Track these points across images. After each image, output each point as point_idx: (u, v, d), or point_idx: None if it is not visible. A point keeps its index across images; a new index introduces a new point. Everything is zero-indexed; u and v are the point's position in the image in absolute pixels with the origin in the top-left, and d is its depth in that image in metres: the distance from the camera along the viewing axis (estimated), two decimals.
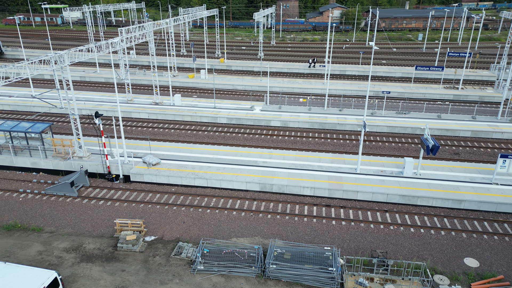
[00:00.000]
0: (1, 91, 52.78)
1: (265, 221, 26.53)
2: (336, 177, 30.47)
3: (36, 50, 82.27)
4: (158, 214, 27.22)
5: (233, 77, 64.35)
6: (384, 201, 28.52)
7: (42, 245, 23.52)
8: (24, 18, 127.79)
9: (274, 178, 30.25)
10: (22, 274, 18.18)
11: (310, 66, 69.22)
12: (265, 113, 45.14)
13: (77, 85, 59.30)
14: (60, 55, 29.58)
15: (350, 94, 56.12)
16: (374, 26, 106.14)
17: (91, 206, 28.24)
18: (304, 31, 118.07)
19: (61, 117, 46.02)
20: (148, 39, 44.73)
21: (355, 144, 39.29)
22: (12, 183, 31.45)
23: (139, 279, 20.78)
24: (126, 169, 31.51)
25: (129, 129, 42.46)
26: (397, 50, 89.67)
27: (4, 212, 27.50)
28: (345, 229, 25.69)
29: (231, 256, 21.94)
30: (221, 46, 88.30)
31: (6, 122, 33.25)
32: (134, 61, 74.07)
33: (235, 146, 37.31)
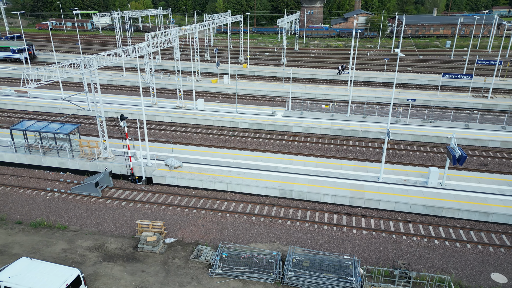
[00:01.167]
0: (33, 93, 54.97)
1: (284, 227, 26.37)
2: (358, 185, 29.98)
3: (66, 54, 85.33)
4: (178, 217, 27.53)
5: (256, 82, 64.64)
6: (407, 211, 27.82)
7: (67, 243, 24.20)
8: (56, 23, 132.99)
9: (294, 184, 30.07)
10: (47, 271, 18.75)
11: (339, 73, 68.43)
12: (287, 119, 45.04)
13: (104, 88, 61.04)
14: (89, 59, 30.57)
15: (374, 101, 55.28)
16: (400, 33, 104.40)
17: (114, 207, 28.88)
18: (328, 37, 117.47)
19: (88, 119, 47.43)
20: (174, 44, 45.61)
21: (378, 152, 38.59)
22: (40, 182, 32.59)
23: (158, 280, 21.03)
24: (149, 171, 32.09)
25: (153, 132, 43.28)
26: (423, 57, 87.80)
27: (32, 210, 28.51)
28: (366, 238, 25.19)
29: (249, 261, 21.89)
30: (244, 52, 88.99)
31: (37, 123, 34.56)
32: (159, 66, 75.64)
33: (255, 151, 37.36)
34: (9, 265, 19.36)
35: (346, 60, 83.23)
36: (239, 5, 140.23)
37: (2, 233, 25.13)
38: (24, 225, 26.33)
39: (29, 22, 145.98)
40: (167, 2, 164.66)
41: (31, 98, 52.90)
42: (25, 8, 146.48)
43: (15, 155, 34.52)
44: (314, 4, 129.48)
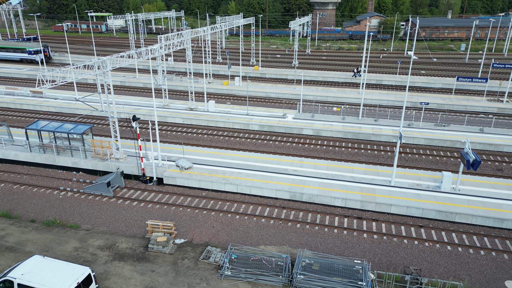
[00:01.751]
0: (48, 94, 55.97)
1: (294, 230, 26.25)
2: (369, 189, 29.69)
3: (81, 56, 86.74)
4: (188, 218, 27.65)
5: (267, 84, 64.66)
6: (419, 216, 27.42)
7: (78, 242, 24.51)
8: (71, 25, 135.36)
9: (305, 187, 29.92)
10: (59, 269, 19.00)
11: (354, 76, 67.87)
12: (298, 121, 44.91)
13: (117, 90, 61.81)
14: (102, 61, 31.00)
15: (386, 104, 54.75)
16: (413, 36, 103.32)
17: (125, 207, 29.16)
18: (340, 39, 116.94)
19: (101, 120, 48.07)
20: (186, 46, 45.96)
21: (390, 156, 38.17)
22: (53, 181, 33.12)
23: (168, 280, 21.12)
24: (160, 172, 32.33)
25: (164, 133, 43.62)
26: (437, 60, 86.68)
27: (45, 208, 28.97)
28: (377, 243, 24.90)
29: (259, 264, 21.84)
30: (256, 54, 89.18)
31: (51, 123, 35.15)
32: (171, 68, 76.29)
33: (266, 153, 37.33)
34: (22, 263, 19.69)
35: (358, 63, 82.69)
36: (251, 8, 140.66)
37: (16, 231, 25.59)
38: (37, 223, 26.77)
39: (45, 24, 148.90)
40: (180, 5, 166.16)
41: (46, 99, 53.88)
42: (42, 10, 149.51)
43: (30, 154, 35.17)
44: (327, 6, 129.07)
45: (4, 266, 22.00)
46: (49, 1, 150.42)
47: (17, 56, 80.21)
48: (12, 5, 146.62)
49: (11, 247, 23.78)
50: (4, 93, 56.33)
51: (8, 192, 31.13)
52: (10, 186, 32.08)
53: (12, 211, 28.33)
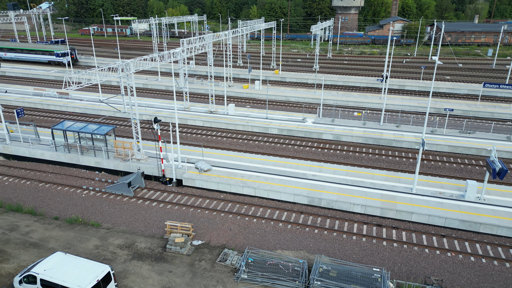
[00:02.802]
0: (73, 95, 57.66)
1: (311, 235, 26.01)
2: (389, 196, 29.12)
3: (106, 58, 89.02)
4: (206, 219, 27.82)
5: (287, 88, 64.56)
6: (442, 225, 26.66)
7: (99, 240, 25.04)
8: (97, 29, 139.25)
9: (323, 193, 29.63)
10: (80, 266, 19.47)
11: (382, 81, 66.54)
12: (317, 126, 44.59)
13: (140, 92, 63.04)
14: (126, 64, 31.71)
15: (408, 110, 53.69)
16: (438, 40, 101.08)
17: (145, 207, 29.62)
18: (363, 44, 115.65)
19: (124, 121, 49.10)
20: (207, 50, 46.47)
21: (412, 163, 37.35)
22: (77, 180, 34.01)
23: (185, 281, 21.28)
24: (179, 173, 32.70)
25: (184, 135, 44.15)
26: (463, 65, 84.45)
27: (68, 206, 29.77)
28: (397, 251, 24.36)
29: (275, 268, 21.73)
30: (276, 58, 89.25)
31: (76, 124, 36.16)
32: (193, 71, 77.26)
33: (284, 157, 37.20)
34: (45, 259, 20.28)
35: (380, 68, 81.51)
36: (273, 12, 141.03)
37: (40, 227, 26.39)
38: (60, 220, 27.52)
39: (73, 27, 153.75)
40: (203, 9, 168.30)
41: (71, 100, 55.50)
42: (70, 14, 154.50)
43: (55, 153, 36.26)
44: (349, 11, 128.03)
45: (28, 261, 22.71)
46: (77, 6, 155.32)
47: (46, 58, 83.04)
48: (42, 9, 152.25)
49: (35, 243, 24.53)
50: (32, 94, 58.39)
51: (33, 190, 32.18)
52: (35, 184, 33.14)
53: (37, 208, 29.26)
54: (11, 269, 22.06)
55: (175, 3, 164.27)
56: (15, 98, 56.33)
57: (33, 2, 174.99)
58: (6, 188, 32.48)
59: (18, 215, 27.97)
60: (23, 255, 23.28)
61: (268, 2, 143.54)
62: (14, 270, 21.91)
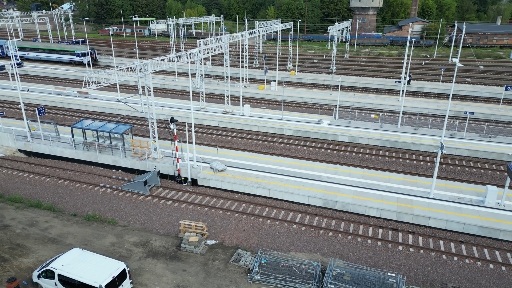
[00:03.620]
0: (93, 94, 58.84)
1: (325, 238, 25.81)
2: (406, 200, 28.64)
3: (124, 59, 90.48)
4: (220, 219, 27.94)
5: (303, 89, 64.29)
6: (460, 231, 26.07)
7: (115, 237, 25.45)
8: (117, 30, 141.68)
9: (338, 195, 29.37)
10: (96, 262, 19.83)
11: (408, 83, 65.40)
12: (333, 128, 44.24)
13: (157, 92, 63.83)
14: (144, 64, 32.16)
15: (427, 112, 52.72)
16: (459, 42, 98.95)
17: (160, 205, 29.96)
18: (381, 45, 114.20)
19: (141, 120, 49.80)
20: (224, 50, 46.70)
21: (430, 167, 36.65)
22: (95, 177, 34.67)
23: (198, 280, 21.42)
24: (194, 173, 32.96)
25: (200, 135, 44.46)
26: (484, 68, 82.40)
27: (86, 203, 30.37)
28: (413, 256, 23.93)
29: (288, 270, 21.65)
30: (293, 59, 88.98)
31: (95, 122, 36.89)
32: (209, 71, 77.77)
33: (299, 159, 37.04)
34: (63, 254, 20.73)
35: (398, 69, 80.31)
36: (290, 13, 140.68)
37: (59, 223, 27.00)
38: (78, 217, 28.10)
39: (93, 28, 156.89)
40: (220, 10, 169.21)
41: (91, 99, 56.64)
42: (90, 15, 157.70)
43: (74, 151, 37.06)
44: (367, 12, 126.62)
45: (46, 256, 23.27)
46: (97, 6, 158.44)
47: (66, 58, 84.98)
48: (63, 9, 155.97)
49: (54, 239, 25.12)
50: (54, 93, 59.84)
51: (53, 187, 32.95)
52: (55, 180, 33.94)
53: (56, 205, 29.96)
54: (31, 263, 22.65)
55: (193, 4, 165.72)
56: (36, 96, 57.85)
57: (55, 3, 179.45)
58: (26, 184, 33.38)
59: (37, 211, 28.70)
60: (42, 250, 23.87)
61: (285, 3, 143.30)
62: (33, 265, 22.48)
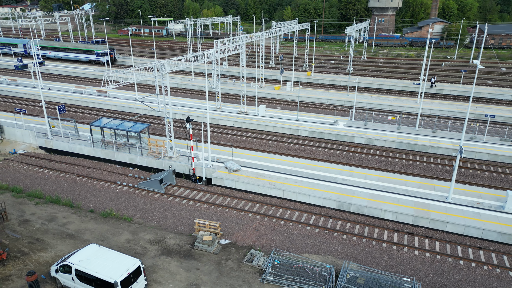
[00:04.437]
0: (111, 93, 59.88)
1: (339, 240, 25.59)
2: (423, 204, 28.14)
3: (142, 58, 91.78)
4: (234, 219, 28.04)
5: (319, 90, 63.89)
6: (479, 237, 25.44)
7: (131, 234, 25.85)
8: (135, 30, 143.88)
9: (353, 197, 29.07)
10: (112, 258, 20.19)
11: (432, 85, 64.24)
12: (349, 129, 43.81)
13: (174, 91, 64.50)
14: (161, 64, 32.56)
15: (446, 115, 51.65)
16: (480, 43, 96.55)
17: (175, 204, 30.27)
18: (399, 46, 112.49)
19: (157, 119, 50.43)
20: (240, 51, 46.85)
21: (448, 170, 35.89)
22: (112, 175, 35.28)
23: (211, 279, 21.55)
24: (209, 172, 33.17)
25: (215, 135, 44.72)
26: (506, 70, 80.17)
27: (103, 200, 30.94)
28: (429, 261, 23.49)
29: (302, 272, 21.56)
30: (309, 60, 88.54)
31: (112, 121, 37.53)
32: (225, 72, 78.14)
33: (314, 160, 36.83)
34: (80, 250, 21.19)
35: (417, 71, 78.93)
36: (307, 13, 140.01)
37: (77, 219, 27.60)
38: (95, 213, 28.66)
39: (112, 28, 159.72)
40: (237, 10, 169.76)
41: (109, 98, 57.66)
42: (110, 15, 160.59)
43: (93, 149, 37.81)
44: (386, 12, 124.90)
45: (64, 251, 23.81)
46: (117, 7, 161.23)
47: (86, 57, 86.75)
48: (84, 10, 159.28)
49: (71, 234, 25.68)
50: (74, 92, 61.18)
51: (72, 183, 33.70)
52: (74, 177, 34.70)
53: (74, 201, 30.63)
54: (49, 258, 23.22)
55: (210, 4, 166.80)
56: (57, 95, 59.26)
57: (76, 3, 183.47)
58: (46, 180, 34.23)
59: (56, 206, 29.41)
60: (60, 245, 24.44)
61: (302, 3, 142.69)
62: (52, 259, 23.05)
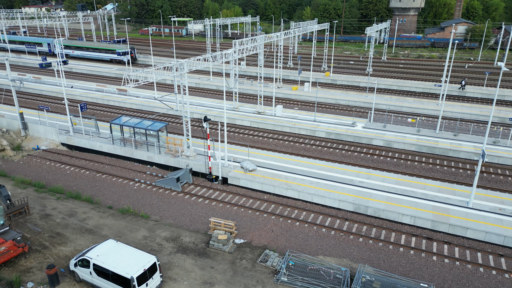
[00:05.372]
0: (131, 92, 60.94)
1: (355, 243, 25.29)
2: (442, 209, 27.51)
3: (162, 58, 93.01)
4: (249, 219, 28.09)
5: (337, 91, 63.29)
6: (500, 244, 24.70)
7: (147, 231, 26.25)
8: (156, 29, 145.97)
9: (370, 200, 28.68)
10: (129, 254, 20.55)
11: (461, 88, 61.93)
12: (367, 131, 43.24)
13: (192, 91, 65.12)
14: (180, 63, 32.92)
15: (468, 118, 50.34)
16: (506, 45, 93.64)
17: (191, 202, 30.56)
18: (421, 47, 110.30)
19: (175, 118, 51.02)
20: (259, 51, 46.89)
21: (469, 175, 34.97)
22: (130, 172, 35.91)
23: (225, 278, 21.66)
24: (225, 171, 33.34)
25: (232, 135, 44.90)
26: None
27: (121, 197, 31.52)
28: (448, 268, 22.95)
29: (316, 274, 21.42)
30: (328, 60, 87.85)
31: (132, 119, 38.19)
32: (243, 71, 78.36)
33: (331, 162, 36.51)
34: (98, 245, 21.65)
35: (439, 72, 77.21)
36: (326, 13, 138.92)
37: (96, 215, 28.21)
38: (113, 210, 29.23)
39: (133, 28, 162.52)
40: (256, 10, 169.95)
41: (129, 96, 58.69)
42: (131, 15, 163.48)
43: (112, 146, 38.57)
44: (408, 12, 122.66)
45: (83, 246, 24.38)
46: (138, 7, 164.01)
47: (108, 56, 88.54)
48: (107, 10, 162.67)
49: (90, 230, 26.28)
50: (95, 90, 62.57)
51: (92, 179, 34.47)
52: (93, 174, 35.48)
53: (93, 197, 31.32)
54: (68, 252, 23.83)
55: (230, 5, 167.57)
56: (79, 93, 60.71)
57: (99, 3, 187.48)
58: (67, 176, 35.12)
59: (77, 202, 30.14)
60: (79, 240, 25.04)
61: (322, 4, 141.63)
62: (71, 253, 23.64)
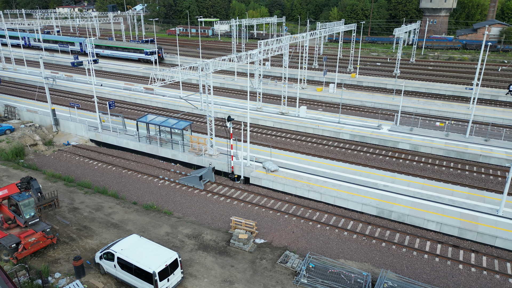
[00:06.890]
0: (157, 91, 62.20)
1: (378, 248, 24.82)
2: (470, 216, 26.58)
3: (188, 58, 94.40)
4: (270, 219, 28.09)
5: (363, 93, 62.29)
6: None
7: (170, 228, 26.72)
8: (183, 30, 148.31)
9: (394, 205, 28.07)
10: (151, 249, 21.00)
11: (508, 93, 58.81)
12: (393, 134, 42.33)
13: (216, 91, 65.76)
14: (206, 63, 33.33)
15: (501, 123, 48.39)
16: None
17: (213, 201, 30.88)
18: (452, 49, 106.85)
19: (199, 117, 51.68)
20: (283, 52, 46.81)
21: (500, 182, 33.62)
22: (155, 169, 36.66)
23: (245, 277, 21.75)
24: (247, 171, 33.48)
25: (255, 135, 45.02)
26: None
27: (146, 193, 32.23)
28: (475, 277, 22.16)
29: (336, 277, 21.17)
30: (354, 61, 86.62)
31: (158, 117, 38.98)
32: (267, 72, 78.39)
33: (355, 164, 35.98)
34: (122, 239, 22.23)
35: (470, 75, 74.62)
36: (354, 14, 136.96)
37: (121, 210, 28.98)
38: (138, 206, 29.94)
39: (161, 28, 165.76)
40: (282, 11, 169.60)
41: (155, 95, 59.93)
42: (159, 16, 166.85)
43: (138, 143, 39.50)
44: (439, 13, 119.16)
45: (108, 239, 25.10)
46: (166, 8, 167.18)
47: (136, 56, 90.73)
48: (136, 10, 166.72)
49: (115, 224, 27.02)
50: (123, 88, 64.25)
51: (118, 175, 35.42)
52: (120, 170, 36.45)
53: (119, 192, 32.18)
54: (94, 245, 24.60)
55: (256, 5, 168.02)
56: (108, 91, 62.52)
57: (129, 4, 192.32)
58: (95, 171, 36.25)
59: (103, 197, 31.06)
60: (105, 234, 25.79)
61: (349, 4, 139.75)
62: (96, 246, 24.39)
